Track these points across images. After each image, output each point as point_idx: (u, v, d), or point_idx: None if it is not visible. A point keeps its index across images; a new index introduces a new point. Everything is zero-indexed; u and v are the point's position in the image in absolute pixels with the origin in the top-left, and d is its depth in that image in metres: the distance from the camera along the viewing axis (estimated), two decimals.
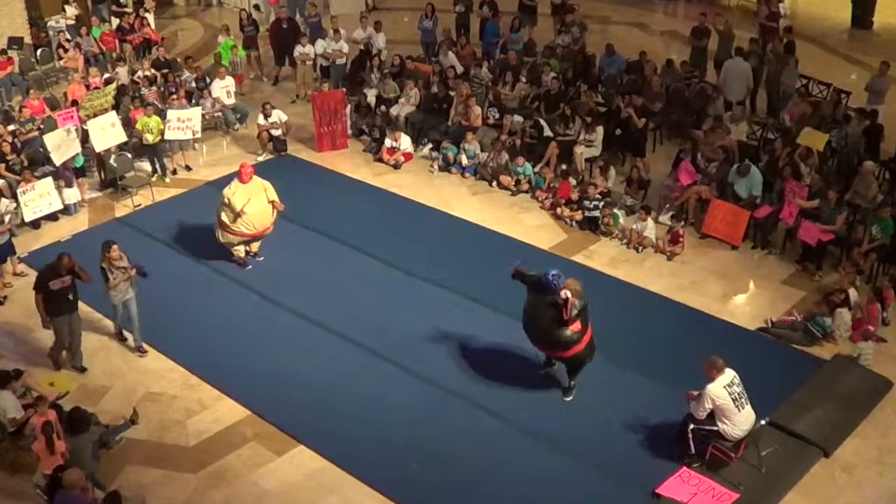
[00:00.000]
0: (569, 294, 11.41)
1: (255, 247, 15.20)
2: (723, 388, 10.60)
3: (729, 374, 10.71)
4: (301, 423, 11.99)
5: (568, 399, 12.26)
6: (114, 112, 18.20)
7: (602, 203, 16.13)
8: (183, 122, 18.34)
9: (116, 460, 11.45)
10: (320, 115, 19.27)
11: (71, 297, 12.60)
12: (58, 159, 16.85)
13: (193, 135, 18.67)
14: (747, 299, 14.58)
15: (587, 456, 11.38)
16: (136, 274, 12.80)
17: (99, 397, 12.47)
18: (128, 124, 18.38)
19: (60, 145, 16.85)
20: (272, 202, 14.72)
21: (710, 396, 10.60)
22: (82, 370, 12.96)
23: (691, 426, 10.91)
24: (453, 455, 11.44)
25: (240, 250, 15.06)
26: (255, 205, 14.50)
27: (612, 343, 13.07)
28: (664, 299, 14.40)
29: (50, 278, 12.39)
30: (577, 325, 11.64)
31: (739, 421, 10.67)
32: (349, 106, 19.88)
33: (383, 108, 20.01)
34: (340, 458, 11.43)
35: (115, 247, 12.67)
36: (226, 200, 14.44)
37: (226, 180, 18.00)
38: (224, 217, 14.55)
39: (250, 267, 15.09)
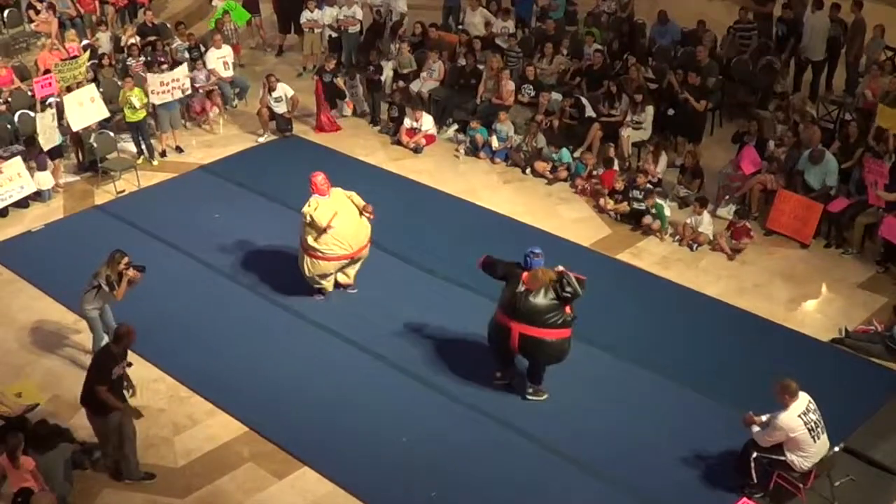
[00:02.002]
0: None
1: (351, 273, 14.30)
2: (798, 416, 10.40)
3: (803, 400, 10.50)
4: (305, 442, 11.94)
5: (542, 398, 12.42)
6: (93, 85, 18.13)
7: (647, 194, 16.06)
8: (167, 84, 18.30)
9: (93, 482, 11.40)
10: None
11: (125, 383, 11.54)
12: (45, 144, 16.88)
13: (183, 93, 18.66)
14: (819, 305, 14.47)
15: (631, 483, 11.27)
16: (139, 273, 12.64)
17: (74, 410, 12.32)
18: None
19: (46, 129, 16.88)
20: (363, 209, 13.90)
21: (784, 428, 10.42)
22: (151, 476, 11.58)
23: (754, 454, 10.79)
24: (479, 480, 11.36)
25: (329, 283, 14.19)
26: (344, 218, 13.63)
27: (662, 354, 13.04)
28: (722, 304, 14.30)
29: (112, 365, 11.14)
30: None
31: (813, 452, 10.54)
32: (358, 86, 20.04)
33: (401, 83, 19.97)
34: (350, 482, 11.35)
35: (126, 258, 12.43)
36: (307, 219, 13.55)
37: (222, 164, 18.19)
38: (311, 241, 13.65)
39: (321, 298, 14.31)
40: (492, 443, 11.88)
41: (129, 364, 12.63)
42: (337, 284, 14.32)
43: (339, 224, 13.57)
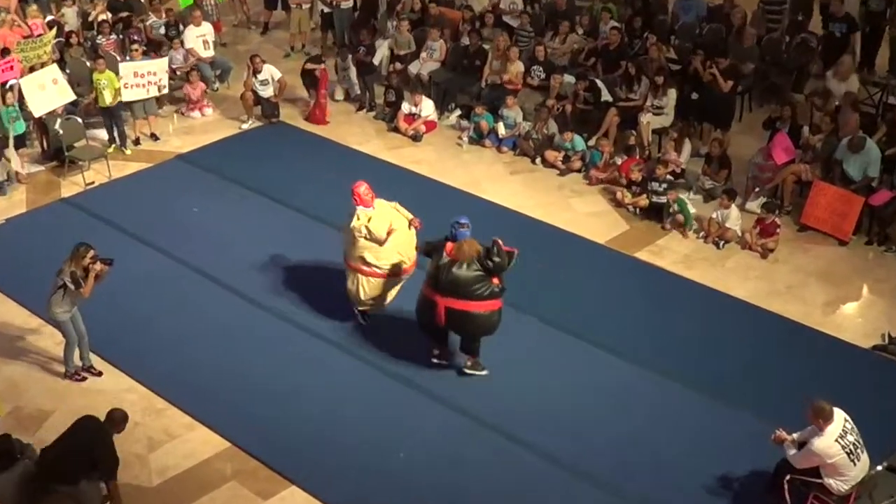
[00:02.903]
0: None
1: (390, 296, 13.86)
2: (835, 441, 10.28)
3: (839, 420, 10.37)
4: (293, 458, 11.91)
5: (481, 372, 12.84)
6: (55, 65, 18.01)
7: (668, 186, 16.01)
8: (142, 76, 18.25)
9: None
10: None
11: None
12: (8, 140, 16.86)
13: (159, 91, 18.61)
14: (859, 309, 14.44)
15: (646, 500, 11.22)
16: (107, 266, 12.54)
17: (37, 424, 12.37)
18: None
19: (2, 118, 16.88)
20: (410, 220, 13.65)
21: (821, 455, 10.32)
22: None
23: (788, 476, 10.72)
24: (481, 495, 11.35)
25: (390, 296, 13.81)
26: (397, 229, 13.43)
27: (684, 361, 13.03)
28: (751, 307, 14.27)
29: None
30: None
31: (853, 476, 10.46)
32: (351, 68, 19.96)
33: (398, 64, 19.93)
34: (341, 502, 11.32)
35: (92, 251, 12.37)
36: (363, 233, 13.20)
37: (201, 153, 18.16)
38: (369, 257, 13.29)
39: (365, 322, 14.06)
40: (493, 456, 11.85)
41: (100, 373, 12.62)
42: (363, 314, 14.05)
43: (396, 235, 13.37)
